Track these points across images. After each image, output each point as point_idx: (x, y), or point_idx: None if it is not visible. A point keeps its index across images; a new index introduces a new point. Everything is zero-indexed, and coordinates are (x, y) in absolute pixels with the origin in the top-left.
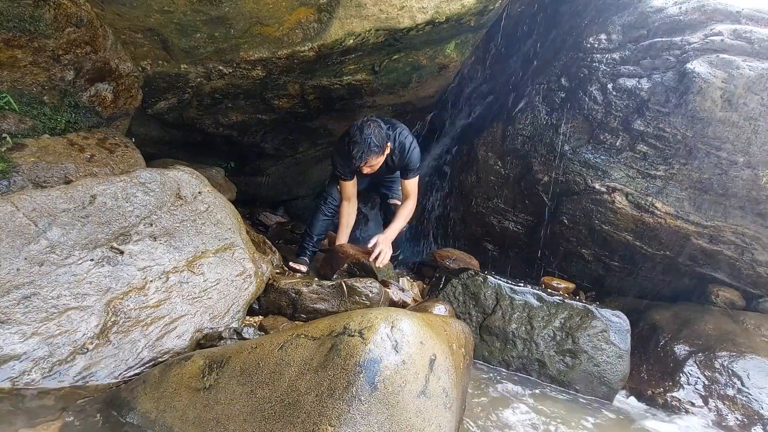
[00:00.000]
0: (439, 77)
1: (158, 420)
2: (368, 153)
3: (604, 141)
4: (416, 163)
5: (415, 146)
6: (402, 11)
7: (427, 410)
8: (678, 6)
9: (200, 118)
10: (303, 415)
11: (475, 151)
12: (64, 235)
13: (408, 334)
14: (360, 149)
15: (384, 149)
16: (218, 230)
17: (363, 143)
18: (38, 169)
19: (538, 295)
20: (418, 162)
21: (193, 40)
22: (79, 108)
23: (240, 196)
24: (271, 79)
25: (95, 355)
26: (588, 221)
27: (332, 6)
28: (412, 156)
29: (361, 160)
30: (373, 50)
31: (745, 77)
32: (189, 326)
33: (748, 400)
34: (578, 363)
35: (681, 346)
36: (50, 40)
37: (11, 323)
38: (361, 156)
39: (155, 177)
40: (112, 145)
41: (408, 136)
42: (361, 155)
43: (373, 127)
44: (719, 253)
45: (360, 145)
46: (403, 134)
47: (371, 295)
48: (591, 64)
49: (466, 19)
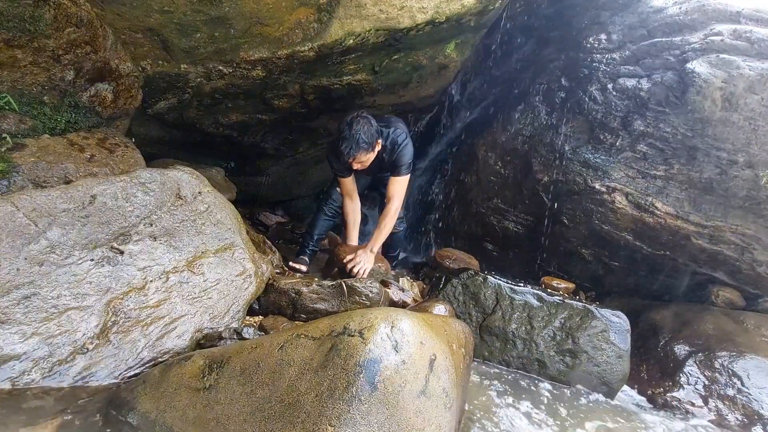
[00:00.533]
0: (439, 77)
1: (158, 420)
2: (357, 149)
3: (604, 141)
4: (406, 160)
5: (406, 144)
6: (402, 11)
7: (427, 410)
8: (678, 6)
9: (200, 118)
10: (303, 415)
11: (475, 151)
12: (64, 235)
13: (408, 334)
14: (348, 145)
15: (374, 146)
16: (218, 230)
17: (351, 139)
18: (38, 169)
19: (538, 295)
20: (408, 160)
21: (193, 40)
22: (79, 108)
23: (240, 196)
24: (271, 79)
25: (95, 355)
26: (588, 221)
27: (332, 6)
28: (402, 153)
29: (350, 155)
30: (373, 50)
31: (745, 77)
32: (189, 326)
33: (748, 400)
34: (578, 363)
35: (681, 346)
36: (50, 40)
37: (11, 323)
38: (350, 152)
39: (155, 177)
40: (112, 145)
41: (401, 134)
42: (350, 151)
43: (363, 123)
44: (719, 253)
45: (348, 141)
46: (397, 132)
47: (371, 295)
48: (591, 64)
49: (466, 19)
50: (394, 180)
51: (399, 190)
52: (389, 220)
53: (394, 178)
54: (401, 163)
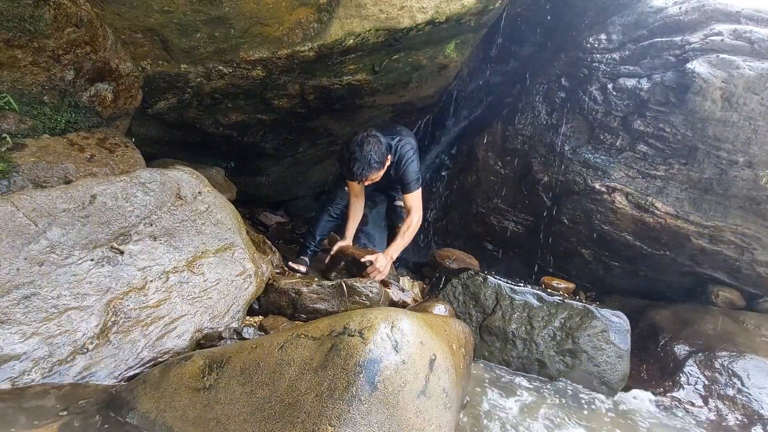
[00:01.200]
0: (439, 77)
1: (158, 420)
2: (368, 170)
3: (604, 141)
4: (412, 177)
5: (413, 160)
6: (402, 11)
7: (427, 410)
8: (678, 6)
9: (200, 118)
10: (303, 415)
11: (475, 151)
12: (64, 235)
13: (408, 334)
14: (360, 166)
15: (384, 164)
16: (218, 230)
17: (363, 160)
18: (38, 169)
19: (538, 295)
20: (415, 176)
21: (193, 40)
22: (79, 108)
23: (240, 196)
24: (271, 79)
25: (95, 355)
26: (588, 221)
27: (332, 6)
28: (408, 170)
29: (362, 176)
30: (373, 50)
31: (745, 77)
32: (189, 326)
33: (748, 400)
34: (578, 363)
35: (681, 346)
36: (50, 40)
37: (11, 323)
38: (362, 173)
39: (155, 177)
40: (112, 145)
41: (409, 150)
42: (362, 172)
43: (373, 143)
44: (719, 253)
45: (360, 162)
46: (405, 147)
47: (371, 295)
48: (591, 64)
49: (466, 19)
50: (407, 197)
51: (416, 204)
52: (411, 230)
53: (406, 195)
54: (408, 180)
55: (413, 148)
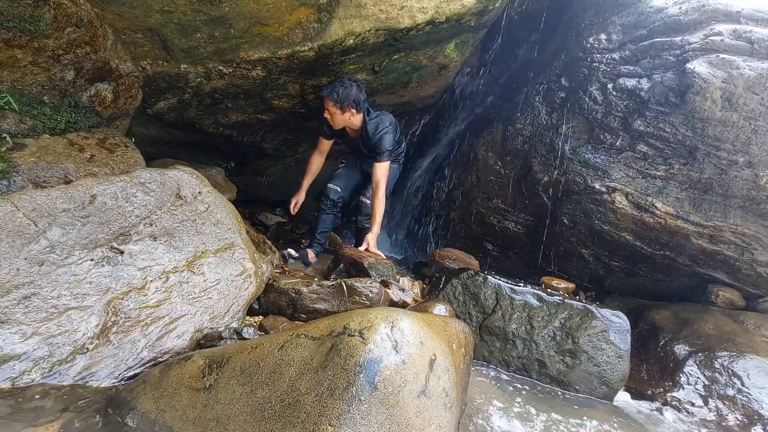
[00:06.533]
0: (439, 77)
1: (158, 420)
2: (329, 94)
3: (604, 141)
4: (386, 146)
5: (388, 132)
6: (402, 11)
7: (427, 410)
8: (678, 6)
9: (200, 118)
10: (303, 415)
11: (475, 151)
12: (64, 235)
13: (408, 334)
14: (328, 87)
15: (345, 107)
16: (218, 230)
17: (331, 86)
18: (38, 169)
19: (538, 295)
20: (388, 146)
21: (193, 40)
22: (79, 108)
23: (240, 196)
24: (271, 79)
25: (95, 355)
26: (588, 221)
27: (332, 6)
28: (383, 139)
29: (323, 93)
30: (373, 50)
31: (745, 77)
32: (189, 326)
33: (748, 400)
34: (578, 363)
35: (681, 346)
36: (50, 40)
37: (11, 323)
38: (324, 91)
39: (155, 177)
40: (112, 145)
41: (387, 122)
42: (324, 91)
43: (348, 84)
44: (719, 253)
45: (330, 86)
46: (384, 119)
47: (371, 295)
48: (591, 64)
49: (466, 19)
50: (377, 166)
51: (382, 175)
52: (379, 202)
53: (376, 164)
54: (381, 149)
55: (392, 123)
